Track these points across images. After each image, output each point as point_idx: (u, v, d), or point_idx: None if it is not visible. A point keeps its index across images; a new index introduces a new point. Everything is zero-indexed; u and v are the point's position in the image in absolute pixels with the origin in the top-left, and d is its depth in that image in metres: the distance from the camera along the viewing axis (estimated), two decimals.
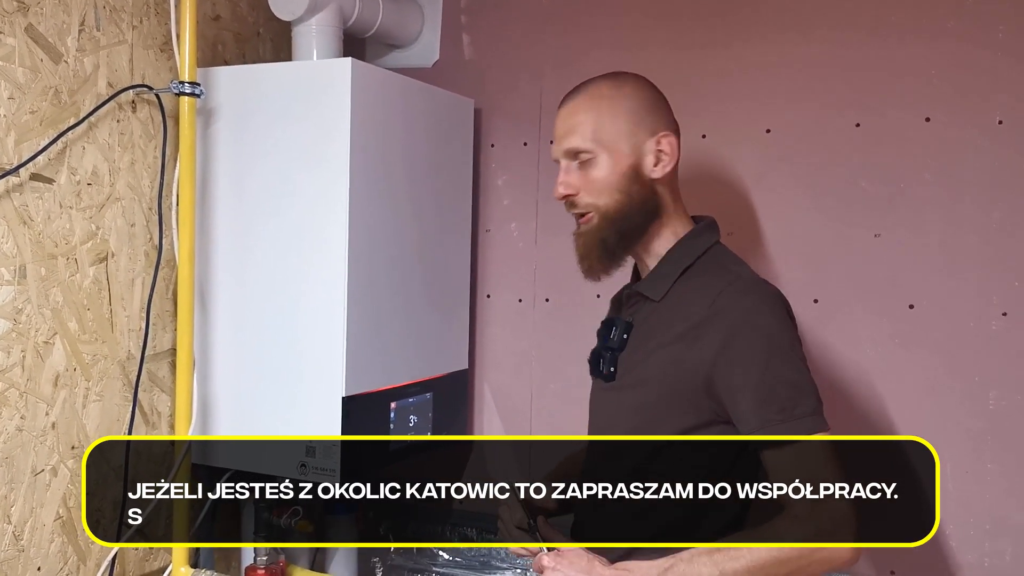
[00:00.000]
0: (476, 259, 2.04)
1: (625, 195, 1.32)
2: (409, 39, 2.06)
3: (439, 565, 2.09)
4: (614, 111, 1.34)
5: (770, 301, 1.25)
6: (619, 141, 1.32)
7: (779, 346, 1.21)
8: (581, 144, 1.33)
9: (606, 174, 1.32)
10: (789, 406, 1.19)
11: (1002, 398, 1.62)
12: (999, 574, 1.62)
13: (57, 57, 1.47)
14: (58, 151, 1.48)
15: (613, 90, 1.36)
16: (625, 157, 1.32)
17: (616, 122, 1.33)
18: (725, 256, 1.34)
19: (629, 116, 1.34)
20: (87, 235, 1.54)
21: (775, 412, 1.19)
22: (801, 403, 1.19)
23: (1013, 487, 1.61)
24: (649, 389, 1.32)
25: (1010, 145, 1.61)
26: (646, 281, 1.37)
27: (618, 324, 1.39)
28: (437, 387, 1.86)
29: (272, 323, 1.65)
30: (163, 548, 1.71)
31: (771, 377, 1.20)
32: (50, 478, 1.48)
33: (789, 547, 1.15)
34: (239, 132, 1.67)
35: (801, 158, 1.75)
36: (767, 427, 1.20)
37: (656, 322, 1.34)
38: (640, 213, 1.33)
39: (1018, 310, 1.61)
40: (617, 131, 1.33)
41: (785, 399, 1.19)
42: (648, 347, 1.33)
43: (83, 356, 1.53)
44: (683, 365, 1.26)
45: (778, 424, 1.19)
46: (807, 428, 1.19)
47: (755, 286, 1.27)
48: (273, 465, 1.66)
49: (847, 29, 1.71)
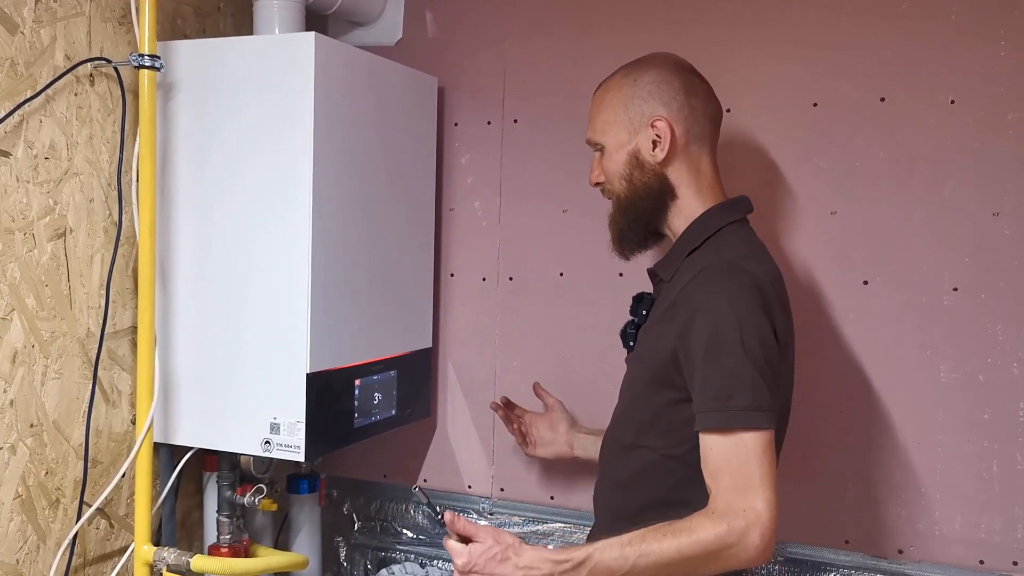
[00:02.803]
0: (440, 238, 2.04)
1: (628, 181, 1.41)
2: (372, 16, 2.05)
3: (403, 543, 2.10)
4: (616, 102, 1.42)
5: (735, 288, 1.25)
6: (618, 130, 1.41)
7: (728, 333, 1.22)
8: (591, 136, 1.46)
9: (612, 163, 1.42)
10: (723, 395, 1.20)
11: (953, 371, 1.67)
12: (948, 539, 1.67)
13: (13, 28, 1.44)
14: (14, 124, 1.45)
15: (620, 80, 1.43)
16: (625, 145, 1.40)
17: (616, 112, 1.41)
18: (730, 236, 1.37)
19: (628, 104, 1.40)
20: (45, 210, 1.51)
21: (711, 399, 1.21)
22: (737, 395, 1.19)
23: (962, 458, 1.67)
24: (642, 364, 1.39)
25: (961, 124, 1.65)
26: (661, 261, 1.44)
27: (644, 300, 1.48)
28: (401, 365, 1.87)
29: (234, 300, 1.64)
30: (124, 527, 1.70)
31: (712, 364, 1.22)
32: (8, 456, 1.46)
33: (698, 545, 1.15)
34: (200, 107, 1.65)
35: (761, 136, 1.78)
36: (702, 412, 1.22)
37: (663, 300, 1.40)
38: (645, 198, 1.40)
39: (968, 285, 1.65)
40: (617, 120, 1.41)
41: (719, 388, 1.21)
42: (653, 324, 1.40)
43: (41, 333, 1.51)
44: (661, 343, 1.32)
45: (711, 412, 1.21)
46: (738, 421, 1.19)
47: (726, 271, 1.28)
48: (236, 443, 1.65)
49: (805, 10, 1.74)
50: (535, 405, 1.93)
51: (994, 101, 1.63)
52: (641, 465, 1.36)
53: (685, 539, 1.16)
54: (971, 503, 1.66)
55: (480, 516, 2.03)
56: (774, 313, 1.27)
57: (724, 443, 1.20)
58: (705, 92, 1.42)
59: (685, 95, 1.38)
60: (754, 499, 1.16)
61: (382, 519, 2.13)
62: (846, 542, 1.74)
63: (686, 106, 1.38)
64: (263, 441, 1.62)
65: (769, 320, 1.25)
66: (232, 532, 1.77)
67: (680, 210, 1.40)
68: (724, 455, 1.19)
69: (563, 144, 1.92)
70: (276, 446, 1.61)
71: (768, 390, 1.21)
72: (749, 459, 1.18)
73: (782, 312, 1.31)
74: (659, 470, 1.34)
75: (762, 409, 1.19)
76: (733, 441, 1.19)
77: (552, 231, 1.96)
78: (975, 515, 1.66)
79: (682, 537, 1.16)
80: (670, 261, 1.41)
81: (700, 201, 1.40)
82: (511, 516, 2.01)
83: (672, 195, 1.39)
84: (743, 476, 1.17)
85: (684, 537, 1.16)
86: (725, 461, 1.19)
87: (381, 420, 1.81)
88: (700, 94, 1.41)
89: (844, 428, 1.73)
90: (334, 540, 2.17)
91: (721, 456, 1.20)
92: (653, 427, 1.34)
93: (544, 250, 1.97)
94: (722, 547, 1.15)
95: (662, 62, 1.42)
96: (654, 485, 1.34)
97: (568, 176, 1.92)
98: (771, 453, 1.19)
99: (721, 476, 1.19)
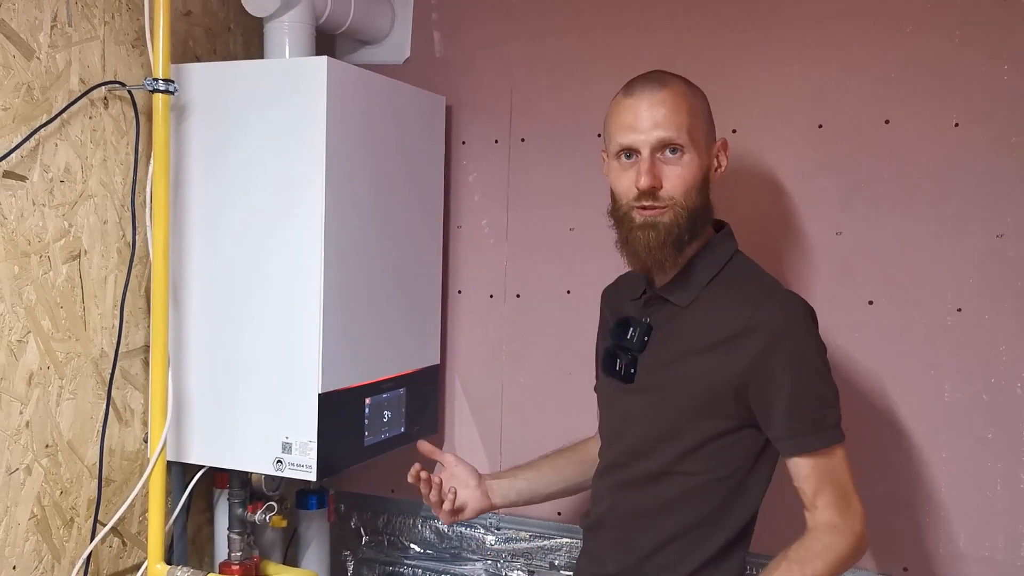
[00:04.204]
0: (447, 255, 2.06)
1: (701, 195, 1.34)
2: (380, 36, 2.07)
3: (411, 558, 2.12)
4: (697, 111, 1.34)
5: (804, 315, 1.31)
6: (702, 141, 1.34)
7: (811, 360, 1.29)
8: (677, 137, 1.30)
9: (693, 171, 1.32)
10: (819, 418, 1.28)
11: (957, 390, 1.68)
12: (953, 557, 1.69)
13: (29, 53, 1.46)
14: (31, 148, 1.46)
15: (691, 89, 1.36)
16: (704, 158, 1.34)
17: (700, 122, 1.34)
18: (751, 266, 1.40)
19: (707, 118, 1.37)
20: (60, 232, 1.53)
21: (807, 424, 1.28)
22: (829, 415, 1.29)
23: (966, 476, 1.68)
24: (677, 393, 1.34)
25: (965, 146, 1.67)
26: (672, 285, 1.38)
27: (637, 325, 1.40)
28: (410, 382, 1.88)
29: (247, 320, 1.66)
30: (137, 545, 1.71)
31: (804, 390, 1.28)
32: (24, 477, 1.48)
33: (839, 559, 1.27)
34: (212, 129, 1.67)
35: (768, 157, 1.80)
36: (797, 437, 1.29)
37: (683, 328, 1.36)
38: (702, 214, 1.35)
39: (972, 305, 1.67)
40: (702, 131, 1.34)
41: (815, 411, 1.29)
42: (673, 352, 1.36)
43: (56, 354, 1.53)
44: (718, 373, 1.30)
45: (807, 435, 1.28)
46: (833, 439, 1.29)
47: (790, 299, 1.33)
48: (248, 462, 1.67)
49: (810, 31, 1.76)
50: (540, 420, 1.95)
51: (997, 123, 1.65)
52: (677, 492, 1.34)
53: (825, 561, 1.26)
54: (975, 521, 1.68)
55: (487, 531, 2.05)
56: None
57: (822, 462, 1.29)
58: None
59: None
60: (855, 503, 1.30)
61: (390, 534, 2.14)
62: None
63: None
64: (275, 460, 1.63)
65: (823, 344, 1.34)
66: (243, 549, 1.79)
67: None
68: (825, 472, 1.29)
69: (570, 162, 1.94)
70: (288, 465, 1.62)
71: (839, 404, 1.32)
72: (845, 470, 1.30)
73: None
74: (699, 494, 1.33)
75: (841, 424, 1.31)
76: (828, 458, 1.29)
77: (559, 248, 1.97)
78: (979, 533, 1.68)
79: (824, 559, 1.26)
80: (687, 287, 1.36)
81: (706, 227, 1.39)
82: (518, 531, 2.02)
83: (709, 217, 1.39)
84: (843, 487, 1.29)
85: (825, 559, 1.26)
86: (827, 477, 1.29)
87: (391, 437, 1.82)
88: None
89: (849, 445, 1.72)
90: (342, 555, 2.18)
91: (823, 473, 1.29)
92: (696, 454, 1.33)
93: (551, 267, 1.99)
94: (857, 552, 1.29)
95: None
96: (694, 508, 1.34)
97: (575, 194, 1.93)
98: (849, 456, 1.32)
99: (825, 492, 1.29)
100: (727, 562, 1.34)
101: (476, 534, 2.06)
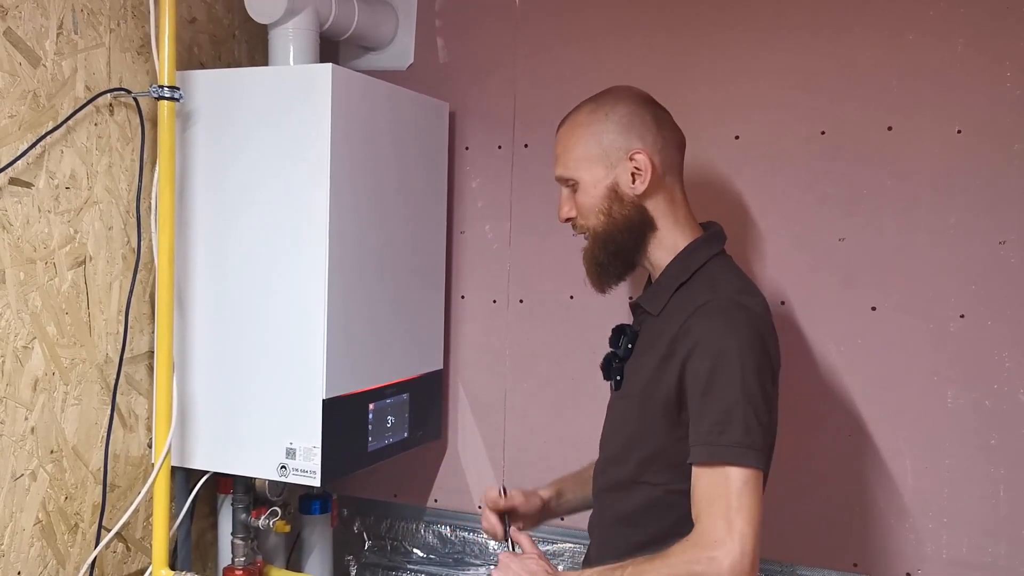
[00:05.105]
0: (451, 260, 2.06)
1: (607, 215, 1.38)
2: (383, 42, 2.07)
3: (414, 562, 2.12)
4: (588, 137, 1.40)
5: (737, 324, 1.26)
6: (594, 166, 1.39)
7: (727, 370, 1.23)
8: (564, 172, 1.42)
9: (588, 198, 1.40)
10: (716, 431, 1.21)
11: (960, 396, 1.69)
12: (955, 563, 1.69)
13: (35, 61, 1.46)
14: (36, 155, 1.47)
15: (589, 115, 1.41)
16: (602, 180, 1.38)
17: (589, 147, 1.39)
18: (719, 271, 1.37)
19: (601, 139, 1.39)
20: (65, 239, 1.53)
21: (705, 433, 1.23)
22: (728, 431, 1.21)
23: (968, 482, 1.69)
24: (639, 400, 1.37)
25: (968, 153, 1.67)
26: (646, 295, 1.42)
27: (626, 333, 1.45)
28: (413, 388, 1.89)
29: (251, 326, 1.66)
30: (141, 551, 1.72)
31: (710, 400, 1.23)
32: (29, 483, 1.48)
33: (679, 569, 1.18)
34: (217, 136, 1.68)
35: (770, 164, 1.80)
36: (695, 446, 1.24)
37: (652, 335, 1.39)
38: (625, 231, 1.38)
39: (975, 312, 1.68)
40: (590, 156, 1.39)
41: (714, 423, 1.22)
42: (642, 360, 1.38)
43: (62, 360, 1.53)
44: (664, 381, 1.31)
45: (703, 446, 1.22)
46: (724, 456, 1.20)
47: (726, 307, 1.28)
48: (252, 467, 1.67)
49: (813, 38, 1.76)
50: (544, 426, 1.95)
51: (1000, 131, 1.65)
52: (644, 501, 1.36)
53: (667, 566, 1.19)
54: (978, 527, 1.68)
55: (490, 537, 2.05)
56: (770, 348, 1.30)
57: (710, 475, 1.21)
58: (671, 123, 1.43)
59: (657, 127, 1.39)
60: (730, 532, 1.16)
61: (392, 539, 2.15)
62: (854, 565, 1.76)
63: (659, 138, 1.39)
64: (279, 466, 1.64)
65: (768, 359, 1.28)
66: (247, 554, 1.79)
67: (660, 241, 1.40)
68: (708, 486, 1.21)
69: None
70: (292, 471, 1.63)
71: (761, 429, 1.22)
72: (730, 492, 1.19)
73: (775, 345, 1.33)
74: (662, 505, 1.34)
75: (752, 448, 1.20)
76: (718, 474, 1.20)
77: (562, 254, 1.97)
78: (982, 539, 1.68)
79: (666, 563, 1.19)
80: (657, 295, 1.39)
81: (680, 232, 1.40)
82: None
83: (652, 227, 1.39)
84: (723, 508, 1.18)
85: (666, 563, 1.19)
86: (709, 492, 1.21)
87: (394, 443, 1.83)
88: (668, 125, 1.42)
89: (852, 452, 1.75)
90: (345, 559, 2.19)
91: (706, 487, 1.22)
92: (655, 463, 1.34)
93: (554, 273, 1.99)
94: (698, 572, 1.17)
95: (628, 95, 1.42)
96: (659, 519, 1.34)
97: None
98: (756, 490, 1.20)
99: (702, 506, 1.21)
100: None
101: (479, 539, 2.06)
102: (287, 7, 1.73)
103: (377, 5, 2.01)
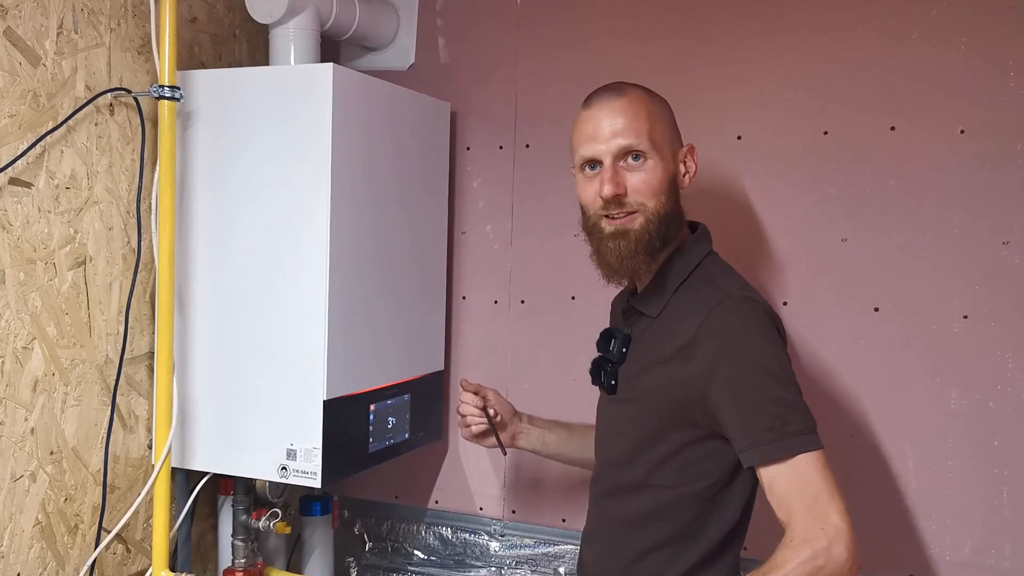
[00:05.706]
0: (452, 261, 2.06)
1: (668, 200, 1.33)
2: (385, 42, 2.07)
3: (414, 564, 2.11)
4: (658, 116, 1.34)
5: (757, 320, 1.26)
6: (665, 147, 1.34)
7: (765, 365, 1.23)
8: (638, 144, 1.31)
9: (658, 177, 1.31)
10: (778, 424, 1.21)
11: (963, 398, 1.68)
12: (958, 564, 1.69)
13: (35, 60, 1.46)
14: (36, 155, 1.46)
15: (650, 96, 1.36)
16: (669, 163, 1.34)
17: (662, 128, 1.34)
18: (716, 269, 1.36)
19: (670, 124, 1.36)
20: (65, 239, 1.53)
21: (764, 431, 1.21)
22: (792, 421, 1.21)
23: (972, 484, 1.68)
24: (648, 404, 1.34)
25: (971, 153, 1.67)
26: (642, 297, 1.39)
27: (618, 337, 1.41)
28: (414, 388, 1.88)
29: (251, 326, 1.66)
30: (141, 552, 1.71)
31: (758, 396, 1.22)
32: (29, 484, 1.47)
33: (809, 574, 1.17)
34: (218, 135, 1.67)
35: (772, 164, 1.80)
36: (757, 446, 1.22)
37: (653, 338, 1.36)
38: (674, 220, 1.34)
39: (978, 313, 1.67)
40: (664, 136, 1.34)
41: (773, 417, 1.21)
42: (645, 362, 1.36)
43: (61, 361, 1.52)
44: (678, 383, 1.29)
45: (768, 443, 1.21)
46: (796, 447, 1.20)
47: (744, 304, 1.28)
48: (253, 468, 1.66)
49: (815, 38, 1.76)
50: None
51: (1003, 131, 1.65)
52: (654, 504, 1.34)
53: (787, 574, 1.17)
54: (981, 529, 1.68)
55: (491, 538, 2.04)
56: (783, 337, 1.30)
57: (786, 471, 1.20)
58: None
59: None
60: (828, 514, 1.17)
61: (393, 540, 2.14)
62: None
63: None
64: (280, 467, 1.63)
65: (785, 347, 1.29)
66: (247, 556, 1.78)
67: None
68: (789, 482, 1.20)
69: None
70: (293, 472, 1.62)
71: (809, 411, 1.23)
72: (814, 479, 1.19)
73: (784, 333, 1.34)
74: (675, 507, 1.32)
75: (814, 431, 1.21)
76: (793, 467, 1.20)
77: (564, 254, 1.97)
78: (985, 541, 1.67)
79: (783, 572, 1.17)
80: (656, 296, 1.36)
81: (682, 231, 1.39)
82: (522, 538, 2.02)
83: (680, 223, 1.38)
84: (812, 497, 1.18)
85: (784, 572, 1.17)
86: (792, 488, 1.20)
87: (395, 444, 1.82)
88: None
89: (855, 453, 1.75)
90: (345, 561, 2.18)
91: (787, 484, 1.20)
92: (666, 466, 1.33)
93: (556, 273, 1.99)
94: (814, 570, 1.16)
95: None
96: (670, 522, 1.33)
97: None
98: (828, 466, 1.21)
99: (791, 504, 1.20)
100: (708, 573, 1.32)
101: (480, 540, 2.06)
102: (288, 7, 1.73)
103: (378, 5, 2.01)
